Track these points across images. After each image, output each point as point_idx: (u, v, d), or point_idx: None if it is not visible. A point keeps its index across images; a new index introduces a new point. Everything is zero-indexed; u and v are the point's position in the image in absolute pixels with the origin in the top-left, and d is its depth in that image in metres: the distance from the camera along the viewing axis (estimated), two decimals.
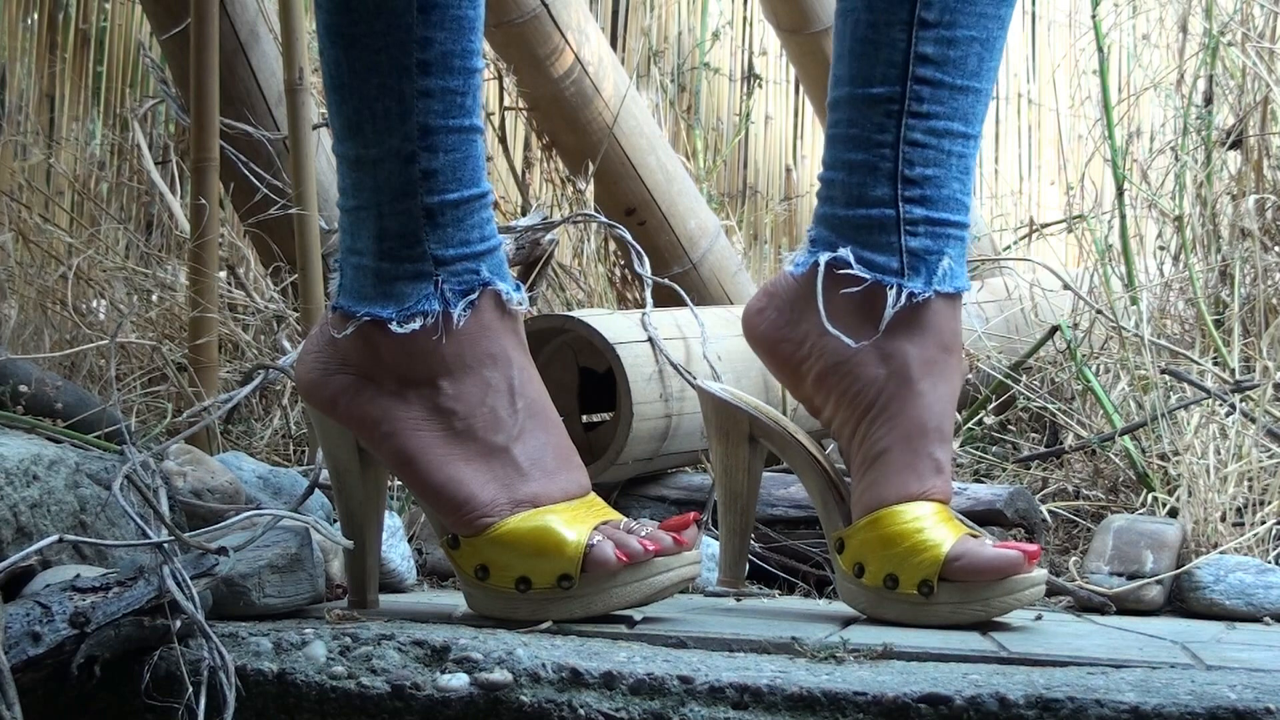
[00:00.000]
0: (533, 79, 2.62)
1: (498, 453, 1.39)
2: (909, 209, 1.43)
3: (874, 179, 1.43)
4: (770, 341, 1.48)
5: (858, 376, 1.43)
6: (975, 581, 1.39)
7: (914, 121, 1.42)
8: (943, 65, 1.42)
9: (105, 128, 3.26)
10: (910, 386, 1.43)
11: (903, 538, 1.41)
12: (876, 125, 1.42)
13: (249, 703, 1.22)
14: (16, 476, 1.34)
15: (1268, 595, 1.58)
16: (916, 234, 1.43)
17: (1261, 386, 1.90)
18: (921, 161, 1.42)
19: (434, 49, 1.38)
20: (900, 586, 1.41)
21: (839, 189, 1.45)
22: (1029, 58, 4.09)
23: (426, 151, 1.39)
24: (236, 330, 2.28)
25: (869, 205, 1.43)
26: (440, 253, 1.40)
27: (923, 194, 1.43)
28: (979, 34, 1.42)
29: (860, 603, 1.44)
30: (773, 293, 1.49)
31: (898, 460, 1.42)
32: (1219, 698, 1.12)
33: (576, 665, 1.21)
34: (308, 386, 1.44)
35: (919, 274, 1.43)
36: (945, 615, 1.40)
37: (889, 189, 1.43)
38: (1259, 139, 2.27)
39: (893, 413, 1.42)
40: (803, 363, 1.46)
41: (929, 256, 1.43)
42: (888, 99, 1.42)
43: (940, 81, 1.42)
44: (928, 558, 1.40)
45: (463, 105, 1.40)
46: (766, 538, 1.76)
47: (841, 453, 1.47)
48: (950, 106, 1.43)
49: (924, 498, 1.42)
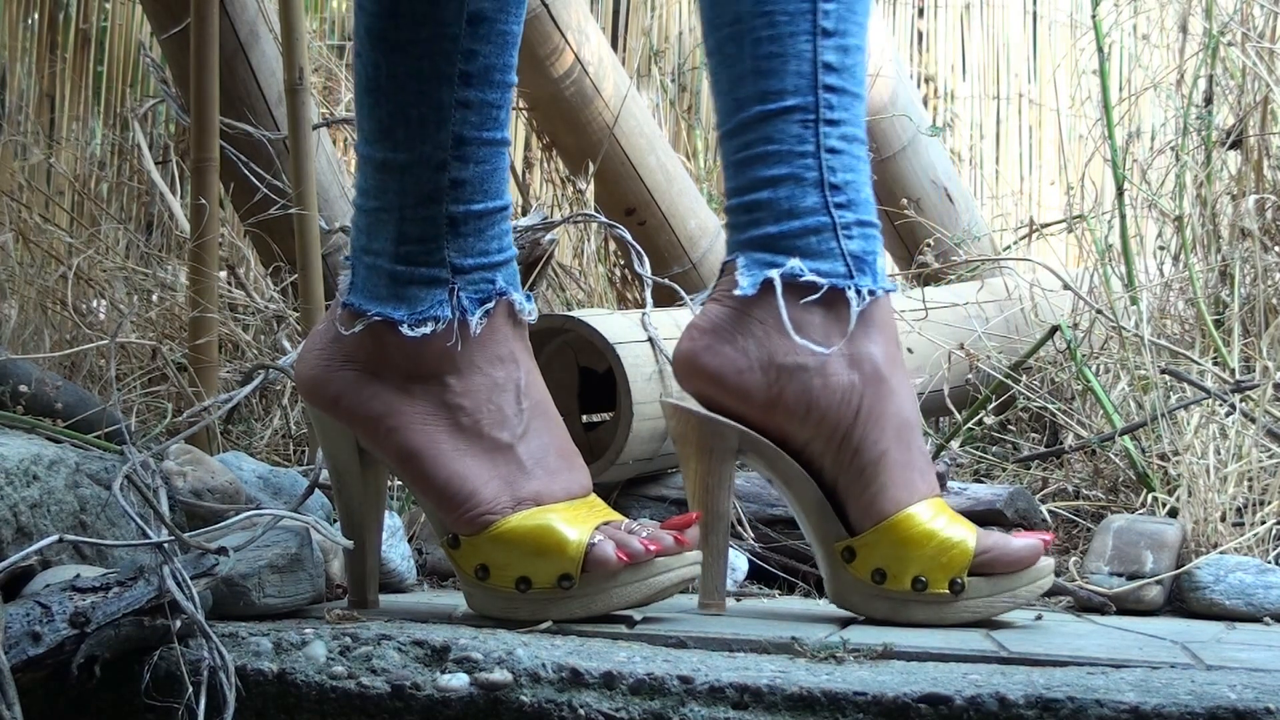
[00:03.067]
0: (533, 79, 2.62)
1: (502, 450, 1.40)
2: (840, 214, 1.42)
3: (801, 190, 1.42)
4: (725, 375, 1.43)
5: (833, 388, 1.42)
6: (1006, 573, 1.41)
7: (829, 129, 1.42)
8: (843, 73, 1.43)
9: (105, 128, 3.26)
10: (886, 384, 1.42)
11: (928, 538, 1.41)
12: (795, 137, 1.42)
13: (249, 703, 1.22)
14: (16, 476, 1.34)
15: (1268, 595, 1.58)
16: (852, 237, 1.43)
17: (1261, 386, 1.90)
18: (842, 168, 1.43)
19: (478, 62, 1.39)
20: (930, 587, 1.41)
21: (764, 208, 1.43)
22: (1030, 58, 4.09)
23: (458, 161, 1.40)
24: (236, 330, 2.28)
25: (802, 216, 1.42)
26: (459, 261, 1.41)
27: (848, 199, 1.43)
28: (861, 43, 1.44)
29: (880, 609, 1.43)
30: (709, 328, 1.45)
31: (898, 460, 1.42)
32: (1219, 698, 1.12)
33: (576, 665, 1.21)
34: (309, 384, 1.44)
35: (865, 274, 1.43)
36: (977, 610, 1.41)
37: (818, 197, 1.42)
38: (1259, 139, 2.27)
39: (878, 414, 1.42)
40: (769, 389, 1.43)
41: (867, 257, 1.43)
42: (802, 109, 1.42)
43: (844, 89, 1.43)
44: (956, 555, 1.41)
45: (497, 119, 1.41)
46: (766, 538, 1.76)
47: (813, 470, 1.44)
48: (853, 113, 1.43)
49: (934, 494, 1.43)
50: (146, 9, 2.42)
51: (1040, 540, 1.43)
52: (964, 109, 4.07)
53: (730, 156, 1.45)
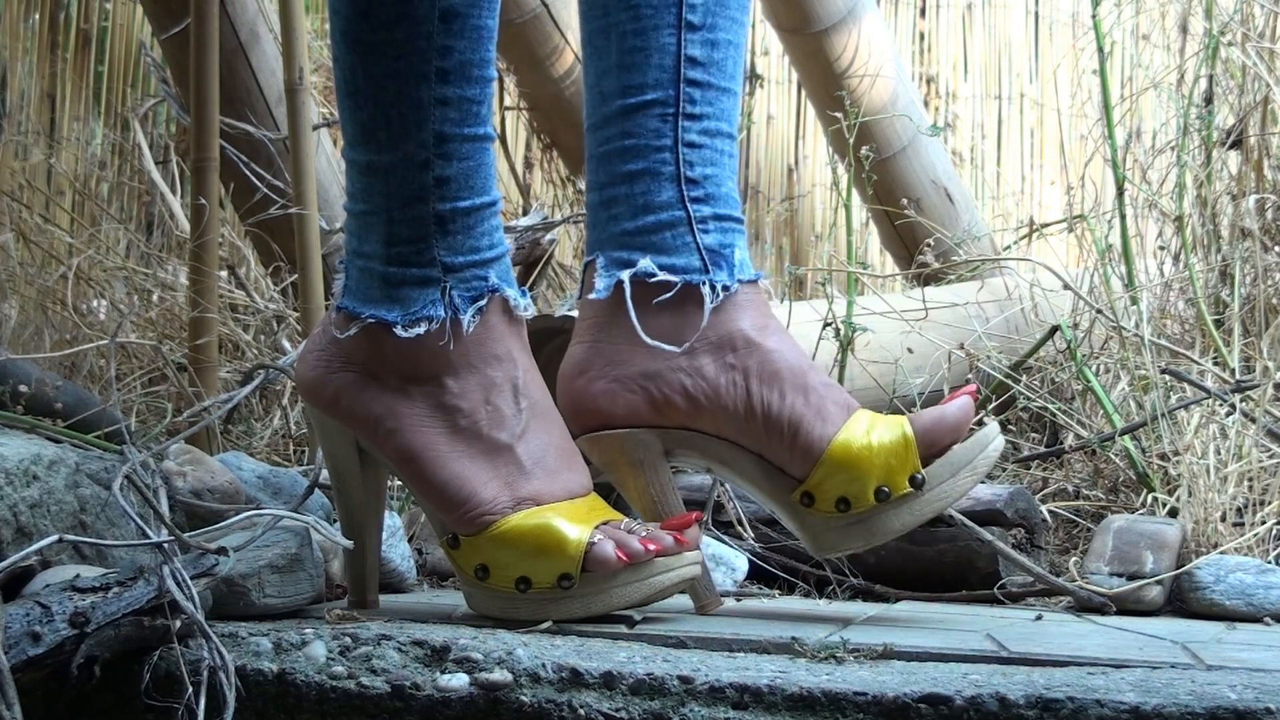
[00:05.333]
0: (533, 79, 2.62)
1: (501, 450, 1.40)
2: (696, 208, 1.43)
3: (657, 184, 1.43)
4: (610, 409, 1.44)
5: (710, 376, 1.42)
6: (953, 445, 1.41)
7: (689, 124, 1.42)
8: (709, 67, 1.42)
9: (106, 128, 3.26)
10: (760, 348, 1.42)
11: (869, 451, 1.41)
12: (653, 131, 1.42)
13: (249, 703, 1.22)
14: (16, 476, 1.34)
15: (1268, 595, 1.58)
16: (708, 231, 1.43)
17: (1261, 386, 1.90)
18: (700, 162, 1.43)
19: (454, 58, 1.38)
20: (894, 492, 1.41)
21: (621, 204, 1.44)
22: (1032, 58, 4.09)
23: (441, 159, 1.39)
24: (236, 330, 2.28)
25: (656, 211, 1.43)
26: (449, 259, 1.40)
27: (706, 193, 1.43)
28: (733, 38, 1.44)
29: (857, 535, 1.42)
30: (579, 362, 1.45)
31: (805, 403, 1.41)
32: (1219, 698, 1.12)
33: (576, 665, 1.21)
34: (309, 385, 1.45)
35: (721, 268, 1.43)
36: (945, 495, 1.41)
37: (674, 191, 1.42)
38: (1259, 139, 2.27)
39: (767, 377, 1.42)
40: (654, 400, 1.43)
41: (724, 250, 1.43)
42: (661, 103, 1.42)
43: (708, 84, 1.42)
44: (901, 452, 1.41)
45: (478, 114, 1.41)
46: (766, 538, 1.76)
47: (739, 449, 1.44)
48: (718, 107, 1.43)
49: (852, 411, 1.43)
50: (146, 9, 2.42)
51: (966, 395, 1.43)
52: (965, 109, 4.07)
53: (593, 150, 1.46)
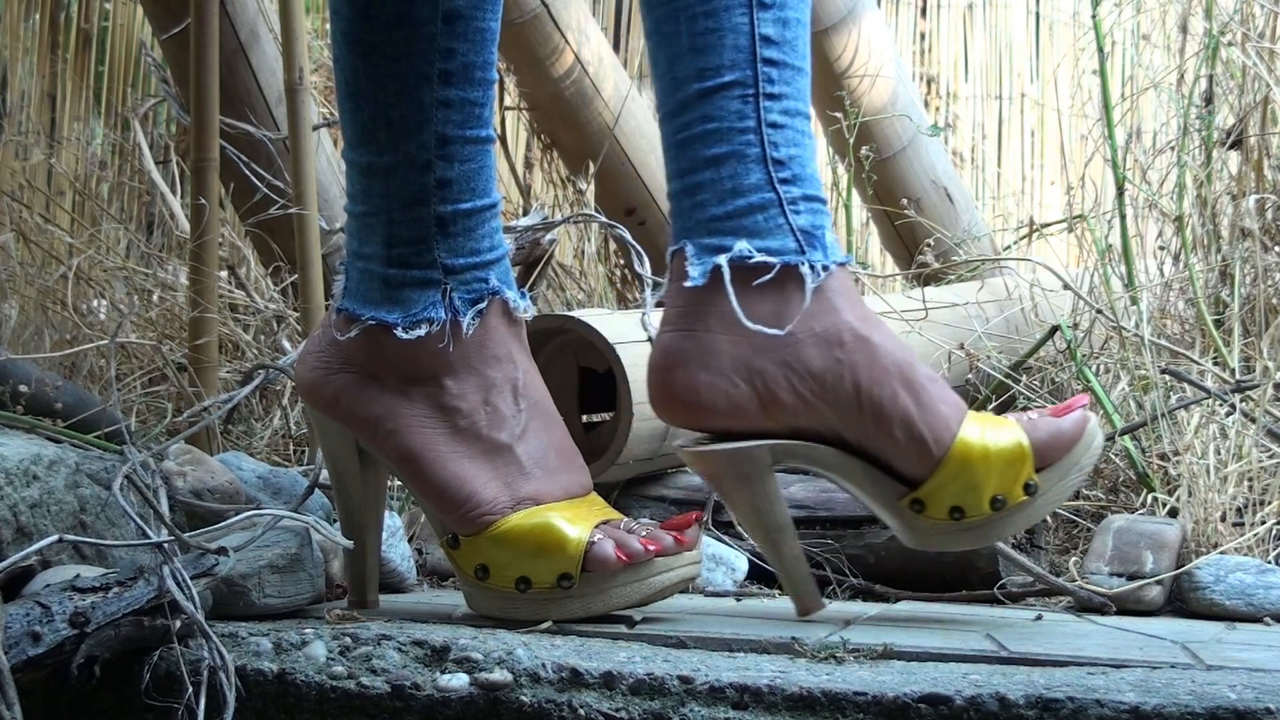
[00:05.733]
0: (533, 79, 2.62)
1: (500, 451, 1.40)
2: (786, 189, 1.39)
3: (744, 167, 1.38)
4: (711, 402, 1.39)
5: (819, 371, 1.38)
6: (1068, 452, 1.41)
7: (770, 104, 1.38)
8: (783, 46, 1.39)
9: (106, 128, 3.26)
10: (870, 343, 1.38)
11: (985, 459, 1.38)
12: (735, 113, 1.38)
13: (249, 703, 1.22)
14: (16, 476, 1.34)
15: (1268, 595, 1.58)
16: (800, 212, 1.39)
17: (1261, 386, 1.90)
18: (784, 142, 1.39)
19: (456, 60, 1.38)
20: (1009, 500, 1.39)
21: (708, 189, 1.39)
22: (1032, 58, 4.09)
23: (442, 160, 1.39)
24: (236, 330, 2.28)
25: (746, 194, 1.38)
26: (450, 261, 1.40)
27: (793, 174, 1.39)
28: (801, 16, 1.40)
29: (968, 539, 1.40)
30: (672, 351, 1.40)
31: (917, 402, 1.38)
32: (1219, 698, 1.12)
33: (576, 665, 1.21)
34: (309, 386, 1.45)
35: (816, 249, 1.39)
36: (1053, 499, 1.41)
37: (762, 173, 1.38)
38: (1259, 139, 2.27)
39: (878, 373, 1.38)
40: (760, 396, 1.39)
41: (817, 231, 1.39)
42: (740, 84, 1.38)
43: (783, 63, 1.39)
44: (1018, 461, 1.39)
45: (480, 116, 1.40)
46: None
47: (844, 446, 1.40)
48: (794, 87, 1.40)
49: (964, 413, 1.40)
50: (147, 9, 2.42)
51: (1082, 410, 1.43)
52: (966, 109, 4.07)
53: (670, 139, 1.41)
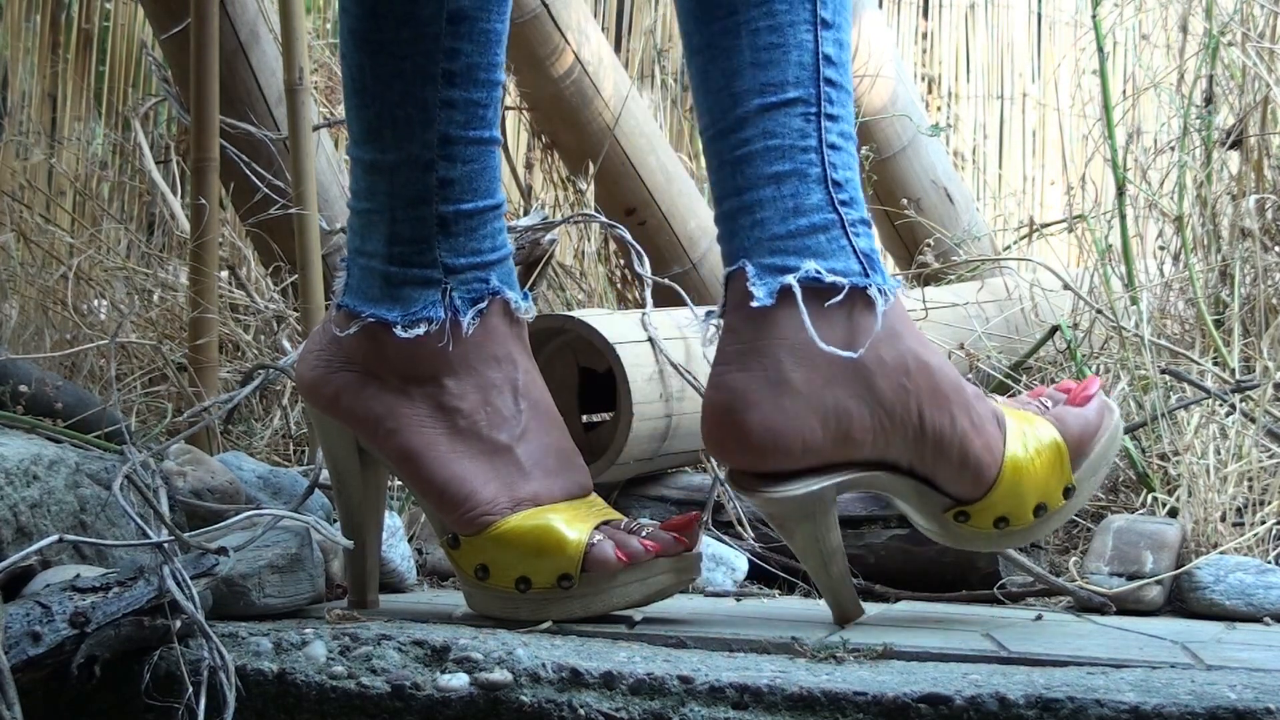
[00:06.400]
0: (533, 79, 2.62)
1: (500, 451, 1.40)
2: (846, 211, 1.36)
3: (806, 186, 1.35)
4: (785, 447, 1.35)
5: (889, 404, 1.36)
6: (1095, 446, 1.44)
7: (829, 124, 1.36)
8: (840, 68, 1.37)
9: (107, 128, 3.26)
10: (928, 368, 1.37)
11: (1030, 471, 1.40)
12: (798, 131, 1.36)
13: (249, 703, 1.22)
14: (16, 476, 1.34)
15: (1268, 595, 1.58)
16: (859, 235, 1.37)
17: (1261, 386, 1.90)
18: (842, 165, 1.37)
19: (461, 60, 1.38)
20: (1051, 507, 1.41)
21: (769, 207, 1.35)
22: (1034, 58, 4.09)
23: (445, 160, 1.39)
24: (236, 330, 2.28)
25: (808, 214, 1.36)
26: (451, 261, 1.40)
27: (849, 196, 1.37)
28: (849, 40, 1.39)
29: (1009, 542, 1.43)
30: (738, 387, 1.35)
31: (972, 423, 1.38)
32: (1219, 698, 1.12)
33: (576, 665, 1.21)
34: (309, 385, 1.45)
35: (875, 272, 1.37)
36: (1086, 491, 1.44)
37: (823, 194, 1.35)
38: (1259, 139, 2.27)
39: (939, 399, 1.37)
40: (834, 434, 1.35)
41: (874, 255, 1.37)
42: (804, 101, 1.36)
43: (840, 84, 1.37)
44: (1056, 467, 1.41)
45: (484, 117, 1.40)
46: (767, 537, 1.76)
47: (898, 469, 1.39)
48: (847, 110, 1.38)
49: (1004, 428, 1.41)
50: (147, 9, 2.42)
51: (1100, 398, 1.45)
52: (967, 109, 4.07)
53: (726, 155, 1.37)
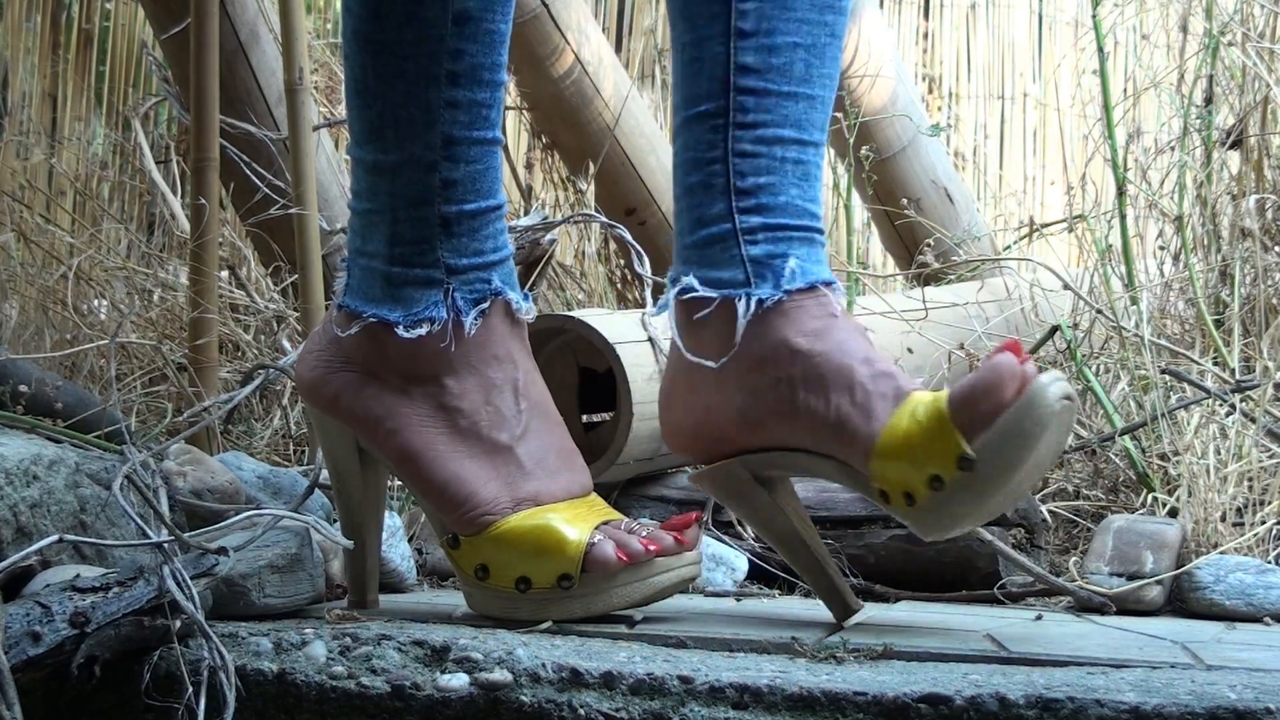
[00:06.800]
0: (533, 79, 2.62)
1: (501, 451, 1.40)
2: (745, 219, 1.37)
3: (710, 197, 1.38)
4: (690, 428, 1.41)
5: (761, 399, 1.37)
6: (993, 409, 1.27)
7: (740, 133, 1.37)
8: (766, 74, 1.37)
9: (107, 128, 3.26)
10: (807, 357, 1.35)
11: (907, 441, 1.30)
12: (706, 143, 1.38)
13: (249, 703, 1.22)
14: (16, 476, 1.34)
15: (1268, 595, 1.58)
16: (756, 242, 1.37)
17: (1261, 386, 1.90)
18: (753, 171, 1.37)
19: (465, 61, 1.38)
20: (946, 478, 1.29)
21: (683, 218, 1.40)
22: (1035, 58, 4.09)
23: (448, 161, 1.39)
24: (237, 330, 2.28)
25: (708, 224, 1.38)
26: (453, 261, 1.41)
27: (758, 203, 1.37)
28: (802, 40, 1.38)
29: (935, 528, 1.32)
30: (665, 378, 1.43)
31: (849, 404, 1.34)
32: (1219, 698, 1.12)
33: (576, 665, 1.21)
34: (309, 385, 1.45)
35: (765, 280, 1.37)
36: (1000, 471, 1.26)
37: (724, 204, 1.37)
38: (1259, 139, 2.27)
39: (814, 384, 1.35)
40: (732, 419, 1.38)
41: (773, 261, 1.37)
42: (713, 114, 1.38)
43: (765, 90, 1.37)
44: (940, 436, 1.28)
45: (487, 118, 1.40)
46: None
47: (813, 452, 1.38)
48: (779, 114, 1.38)
49: (905, 397, 1.32)
50: (147, 9, 2.42)
51: (1005, 352, 1.28)
52: (968, 109, 4.07)
53: (671, 164, 1.43)
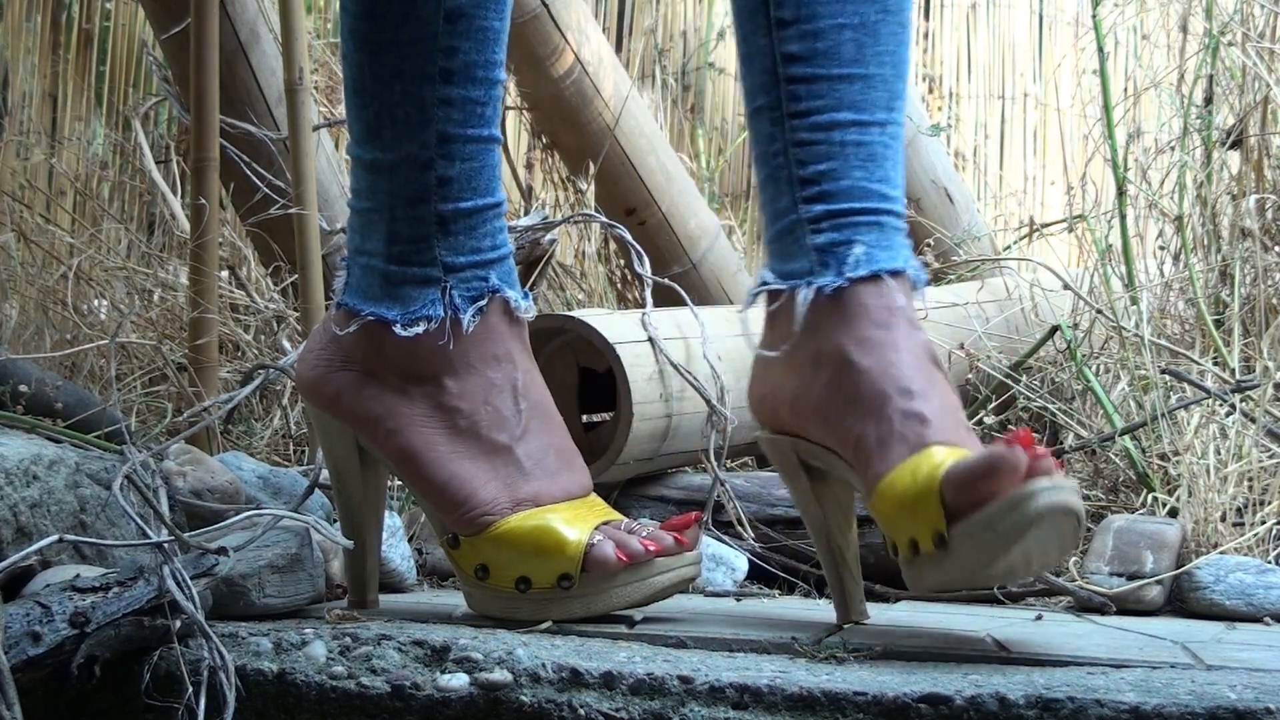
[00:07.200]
0: (533, 79, 2.62)
1: (500, 452, 1.40)
2: (809, 208, 1.37)
3: (778, 190, 1.39)
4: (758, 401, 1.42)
5: (808, 392, 1.37)
6: (984, 496, 1.22)
7: (796, 122, 1.38)
8: (813, 60, 1.37)
9: (107, 128, 3.26)
10: (852, 368, 1.34)
11: (902, 502, 1.28)
12: (768, 137, 1.39)
13: (249, 703, 1.22)
14: (16, 476, 1.34)
15: (1268, 595, 1.58)
16: (821, 230, 1.37)
17: (1261, 386, 1.90)
18: (812, 159, 1.37)
19: (457, 58, 1.38)
20: (922, 547, 1.26)
21: (763, 212, 1.41)
22: (1035, 58, 4.09)
23: (444, 159, 1.40)
24: (236, 330, 2.28)
25: (780, 217, 1.39)
26: (450, 259, 1.41)
27: (820, 190, 1.37)
28: (848, 20, 1.38)
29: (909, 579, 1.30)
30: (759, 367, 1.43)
31: (874, 434, 1.32)
32: (1219, 698, 1.12)
33: (576, 665, 1.21)
34: (309, 384, 1.45)
35: (828, 267, 1.36)
36: (974, 563, 1.23)
37: (790, 196, 1.38)
38: (1259, 139, 2.27)
39: (850, 398, 1.34)
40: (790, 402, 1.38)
41: (837, 249, 1.36)
42: (769, 107, 1.38)
43: (814, 76, 1.37)
44: (926, 507, 1.26)
45: (482, 115, 1.40)
46: (766, 538, 1.76)
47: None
48: (832, 98, 1.37)
49: (922, 448, 1.29)
50: (147, 9, 2.42)
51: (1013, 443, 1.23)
52: (968, 109, 4.06)
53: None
